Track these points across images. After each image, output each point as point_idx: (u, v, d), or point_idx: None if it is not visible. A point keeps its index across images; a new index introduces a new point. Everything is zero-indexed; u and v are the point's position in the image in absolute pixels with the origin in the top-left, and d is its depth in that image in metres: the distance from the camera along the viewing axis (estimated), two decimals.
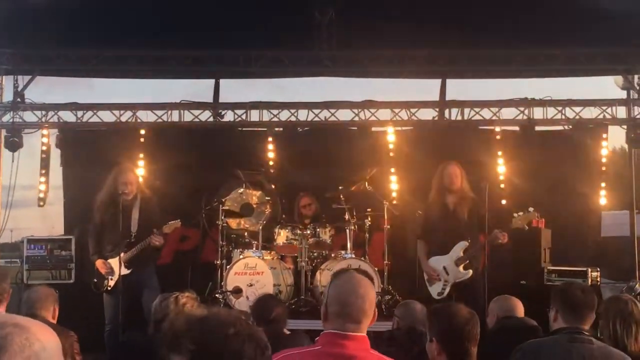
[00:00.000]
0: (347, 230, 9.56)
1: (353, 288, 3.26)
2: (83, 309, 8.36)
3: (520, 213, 8.42)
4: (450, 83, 11.35)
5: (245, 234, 9.89)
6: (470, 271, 8.40)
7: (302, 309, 8.93)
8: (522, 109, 11.08)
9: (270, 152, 11.01)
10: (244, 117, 11.29)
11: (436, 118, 11.31)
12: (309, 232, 9.42)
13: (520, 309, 6.03)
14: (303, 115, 11.28)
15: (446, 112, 11.29)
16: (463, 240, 8.48)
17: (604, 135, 10.98)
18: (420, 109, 11.28)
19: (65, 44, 10.43)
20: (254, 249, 9.48)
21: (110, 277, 8.63)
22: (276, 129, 11.17)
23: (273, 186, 10.68)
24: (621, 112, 11.08)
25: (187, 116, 11.29)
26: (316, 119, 11.27)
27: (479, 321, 4.10)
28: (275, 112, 11.28)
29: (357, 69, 10.83)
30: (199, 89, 12.38)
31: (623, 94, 11.22)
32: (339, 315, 3.21)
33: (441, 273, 8.52)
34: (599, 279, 9.88)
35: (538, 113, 11.04)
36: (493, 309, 6.13)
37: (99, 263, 8.67)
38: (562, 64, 10.49)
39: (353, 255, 9.42)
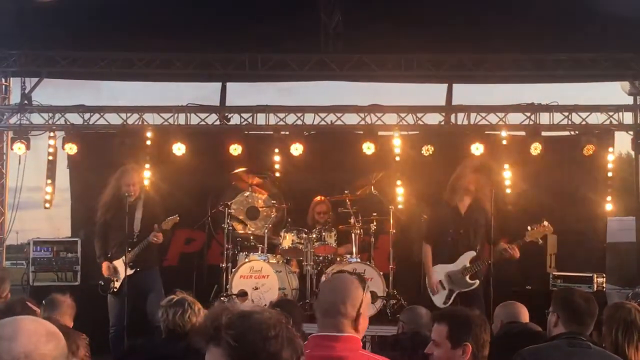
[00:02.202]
0: (353, 234, 9.55)
1: (333, 286, 3.27)
2: (88, 311, 8.35)
3: (535, 226, 8.42)
4: (457, 88, 11.34)
5: (251, 237, 9.90)
6: (477, 281, 8.39)
7: (307, 313, 8.92)
8: (528, 114, 11.06)
9: (277, 156, 11.01)
10: (250, 120, 11.30)
11: (442, 123, 11.30)
12: (314, 235, 9.41)
13: (524, 315, 6.02)
14: (309, 119, 11.29)
15: (452, 116, 11.28)
16: (471, 249, 8.46)
17: (610, 141, 10.96)
18: (426, 113, 11.28)
19: (73, 47, 10.47)
20: (260, 252, 9.48)
21: (115, 278, 8.67)
22: (282, 132, 11.18)
23: (279, 190, 10.70)
24: (628, 117, 11.08)
25: (194, 119, 11.31)
26: (322, 122, 11.27)
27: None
28: (281, 115, 11.29)
29: (363, 73, 10.84)
30: (205, 92, 12.41)
31: (630, 100, 11.21)
32: (318, 310, 3.23)
33: (445, 282, 8.50)
34: (604, 285, 9.87)
35: (544, 118, 11.03)
36: (498, 315, 6.13)
37: (104, 266, 8.73)
38: (569, 70, 10.49)
39: (358, 259, 9.41)
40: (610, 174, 10.87)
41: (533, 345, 4.50)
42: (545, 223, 8.46)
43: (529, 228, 8.46)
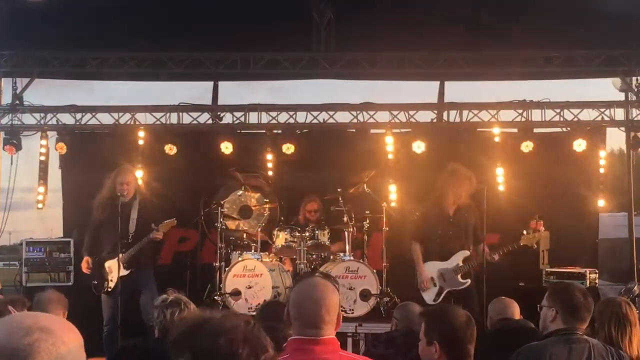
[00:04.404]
0: (346, 232, 9.56)
1: (308, 293, 3.23)
2: (82, 311, 8.37)
3: (530, 231, 8.47)
4: (449, 85, 11.34)
5: (244, 236, 9.90)
6: (469, 280, 8.45)
7: None
8: (520, 111, 11.06)
9: (269, 154, 11.00)
10: (242, 119, 11.28)
11: (435, 120, 11.31)
12: (307, 234, 9.43)
13: (515, 311, 6.05)
14: (301, 117, 11.27)
15: (445, 114, 11.28)
16: (463, 249, 8.50)
17: (602, 138, 10.98)
18: (418, 111, 11.26)
19: (64, 47, 10.44)
20: (253, 251, 9.49)
21: (109, 278, 8.68)
22: (274, 131, 11.17)
23: (271, 188, 10.70)
24: (619, 114, 11.07)
25: (186, 118, 11.29)
26: (315, 121, 11.25)
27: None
28: (273, 114, 11.26)
29: (355, 71, 10.83)
30: (197, 91, 12.39)
31: (621, 96, 11.21)
32: (296, 319, 3.21)
33: (437, 279, 8.53)
34: (597, 281, 9.91)
35: (536, 115, 11.03)
36: (489, 312, 6.18)
37: (84, 260, 8.76)
38: (561, 66, 10.50)
39: (351, 257, 9.43)
40: (602, 170, 10.89)
41: (533, 343, 4.52)
42: (541, 228, 8.51)
43: (524, 232, 8.51)
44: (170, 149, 10.79)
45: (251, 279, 9.05)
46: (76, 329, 1.97)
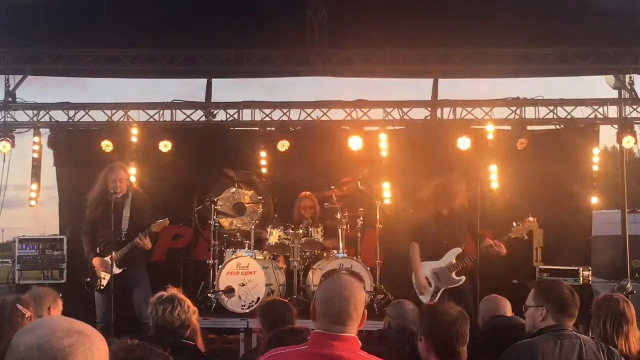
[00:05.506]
0: (339, 230, 9.56)
1: (338, 290, 3.26)
2: (75, 309, 8.34)
3: (520, 222, 8.47)
4: (442, 82, 11.35)
5: (238, 233, 9.89)
6: (464, 278, 8.44)
7: (295, 308, 8.91)
8: (513, 108, 11.08)
9: (263, 152, 10.99)
10: (236, 116, 11.27)
11: (428, 117, 11.31)
12: (300, 231, 9.42)
13: (507, 308, 6.05)
14: (295, 114, 11.27)
15: (438, 111, 11.29)
16: (456, 246, 8.50)
17: (595, 135, 10.99)
18: (412, 108, 11.27)
19: (57, 44, 10.39)
20: (246, 248, 9.48)
21: (102, 275, 8.65)
22: (268, 128, 11.16)
23: (265, 186, 10.69)
24: (612, 111, 11.08)
25: (179, 116, 11.27)
26: (308, 118, 11.25)
27: (469, 321, 4.12)
28: (267, 111, 11.26)
29: (349, 68, 10.81)
30: (191, 89, 12.39)
31: (614, 94, 11.22)
32: (324, 315, 3.23)
33: (431, 279, 8.53)
34: (590, 278, 9.92)
35: (530, 112, 11.05)
36: (481, 310, 6.19)
37: (95, 261, 8.70)
38: (554, 64, 10.49)
39: (345, 255, 9.42)
40: (595, 168, 10.90)
41: (526, 340, 4.53)
42: (531, 218, 8.52)
43: (514, 224, 8.51)
44: (164, 146, 10.77)
45: (244, 277, 9.04)
46: (104, 339, 2.07)
